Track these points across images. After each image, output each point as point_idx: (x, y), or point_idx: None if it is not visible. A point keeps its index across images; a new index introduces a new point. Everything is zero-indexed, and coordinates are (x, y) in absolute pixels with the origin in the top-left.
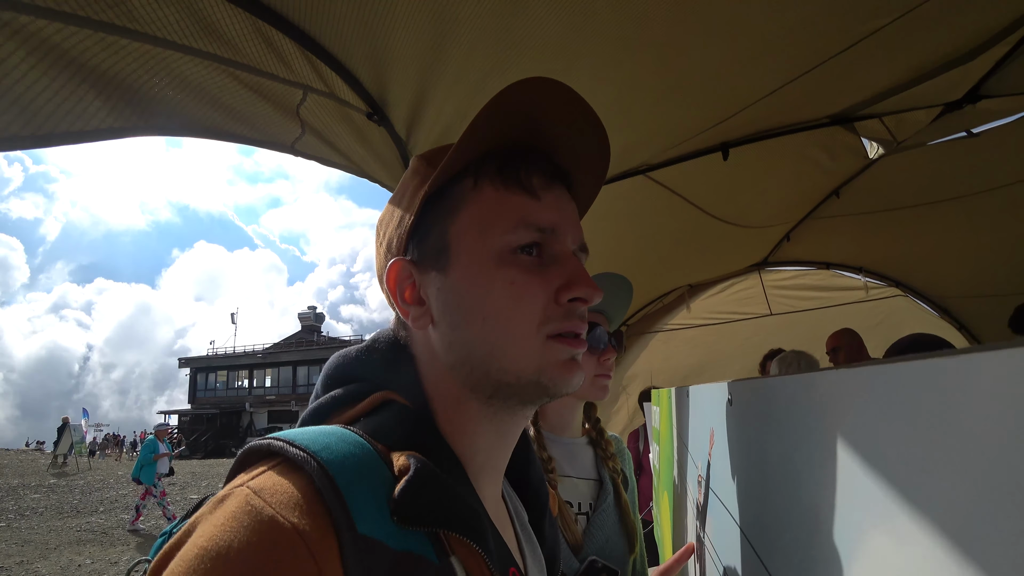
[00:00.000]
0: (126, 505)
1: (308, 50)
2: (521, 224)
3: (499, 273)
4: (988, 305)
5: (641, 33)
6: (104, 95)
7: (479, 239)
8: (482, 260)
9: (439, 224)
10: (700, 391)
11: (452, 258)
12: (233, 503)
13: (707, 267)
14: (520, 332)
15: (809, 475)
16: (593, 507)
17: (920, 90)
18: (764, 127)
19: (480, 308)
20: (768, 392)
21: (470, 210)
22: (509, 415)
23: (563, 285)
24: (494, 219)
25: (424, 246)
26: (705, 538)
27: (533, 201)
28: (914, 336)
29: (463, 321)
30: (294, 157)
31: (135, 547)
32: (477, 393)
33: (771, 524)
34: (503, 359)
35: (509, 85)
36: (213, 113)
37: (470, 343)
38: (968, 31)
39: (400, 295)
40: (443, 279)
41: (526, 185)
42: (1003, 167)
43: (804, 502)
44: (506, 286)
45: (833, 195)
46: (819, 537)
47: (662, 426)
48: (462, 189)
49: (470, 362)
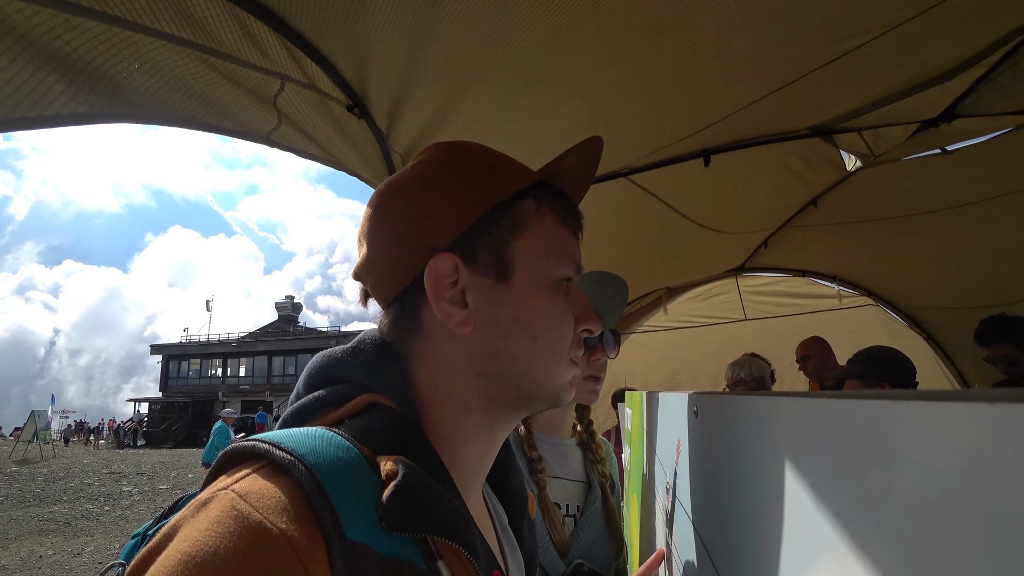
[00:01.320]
0: (91, 494)
1: (287, 39)
2: (572, 261)
3: (555, 299)
4: (955, 317)
5: (625, 40)
6: (67, 80)
7: (542, 264)
8: (542, 284)
9: (504, 235)
10: (669, 399)
11: (515, 273)
12: (218, 507)
13: (685, 271)
14: (559, 352)
15: (762, 498)
16: (581, 510)
17: (898, 107)
18: (746, 136)
19: (533, 326)
20: (730, 409)
21: (535, 233)
22: (507, 424)
23: (579, 317)
24: (555, 249)
25: (481, 251)
26: (672, 545)
27: (575, 240)
28: (879, 348)
29: (514, 335)
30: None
31: (99, 537)
32: (493, 402)
33: (729, 542)
34: (541, 373)
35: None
36: (185, 101)
37: (514, 356)
38: (946, 52)
39: (443, 293)
40: (502, 290)
41: (573, 223)
42: (974, 185)
43: (758, 524)
44: (558, 311)
45: (811, 205)
46: (769, 559)
47: (634, 429)
48: (526, 209)
49: (508, 373)
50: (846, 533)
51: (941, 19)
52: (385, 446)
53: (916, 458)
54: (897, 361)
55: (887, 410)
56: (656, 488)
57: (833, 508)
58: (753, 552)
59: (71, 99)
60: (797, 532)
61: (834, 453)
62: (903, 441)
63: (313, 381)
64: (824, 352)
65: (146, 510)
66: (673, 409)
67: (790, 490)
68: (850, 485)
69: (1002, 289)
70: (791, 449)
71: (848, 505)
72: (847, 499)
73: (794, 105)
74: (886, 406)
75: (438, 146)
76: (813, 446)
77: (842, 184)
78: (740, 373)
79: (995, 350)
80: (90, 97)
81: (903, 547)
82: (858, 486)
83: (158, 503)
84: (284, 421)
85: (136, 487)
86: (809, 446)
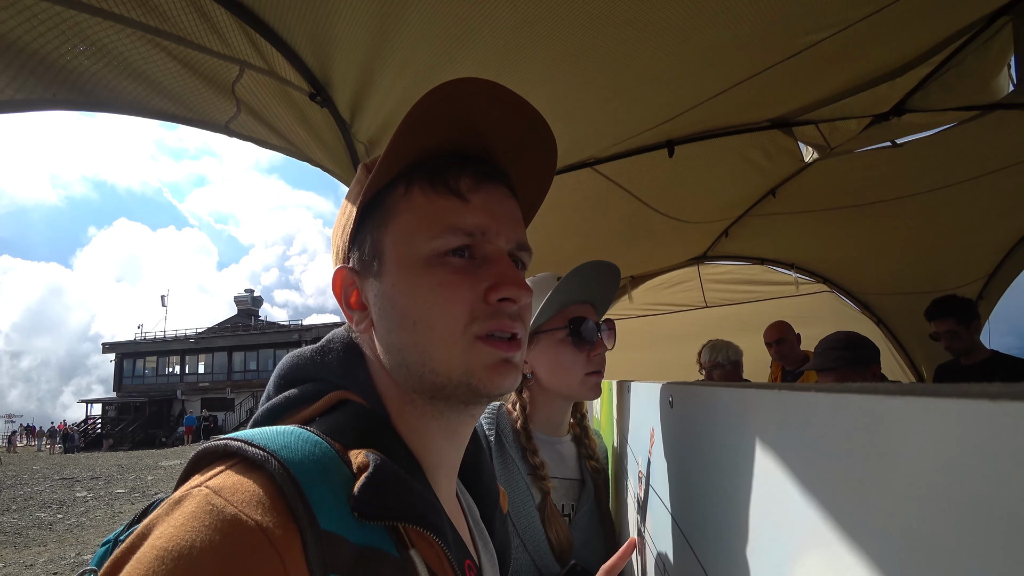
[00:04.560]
0: (42, 502)
1: (247, 23)
2: (448, 229)
3: (426, 277)
4: (904, 302)
5: (593, 32)
6: (3, 62)
7: (408, 245)
8: (411, 265)
9: (374, 232)
10: (641, 389)
11: (385, 265)
12: (192, 503)
13: (650, 259)
14: (446, 334)
15: (741, 488)
16: (575, 508)
17: (852, 101)
18: (708, 127)
19: (409, 312)
20: (708, 400)
21: (401, 217)
22: (455, 414)
23: (491, 285)
24: (422, 225)
25: (362, 254)
26: (646, 532)
27: (462, 204)
28: (846, 333)
29: (396, 326)
30: (227, 137)
31: (52, 547)
32: (419, 394)
33: (709, 532)
34: (432, 361)
35: (430, 90)
36: (136, 88)
37: (403, 347)
38: (897, 50)
39: (346, 301)
40: (379, 285)
41: (454, 188)
42: (921, 176)
43: (738, 513)
44: (433, 288)
45: (770, 194)
46: (750, 547)
47: (603, 416)
48: (394, 197)
49: (405, 365)
50: (829, 524)
51: (894, 18)
52: (355, 440)
53: (908, 454)
54: (868, 347)
55: (878, 405)
56: (628, 476)
57: (817, 499)
58: (733, 541)
59: (7, 84)
60: (778, 522)
61: (820, 446)
62: (896, 437)
63: (283, 381)
64: (796, 337)
65: (103, 516)
66: (646, 399)
67: (771, 481)
68: (834, 478)
69: (945, 275)
70: (771, 441)
71: (833, 497)
72: (831, 491)
73: (755, 98)
74: (878, 401)
75: (359, 167)
76: (794, 439)
77: (800, 175)
78: (717, 357)
79: (941, 324)
80: (29, 82)
81: (890, 541)
82: (843, 479)
83: (116, 508)
84: (256, 421)
85: (91, 492)
86: (791, 438)
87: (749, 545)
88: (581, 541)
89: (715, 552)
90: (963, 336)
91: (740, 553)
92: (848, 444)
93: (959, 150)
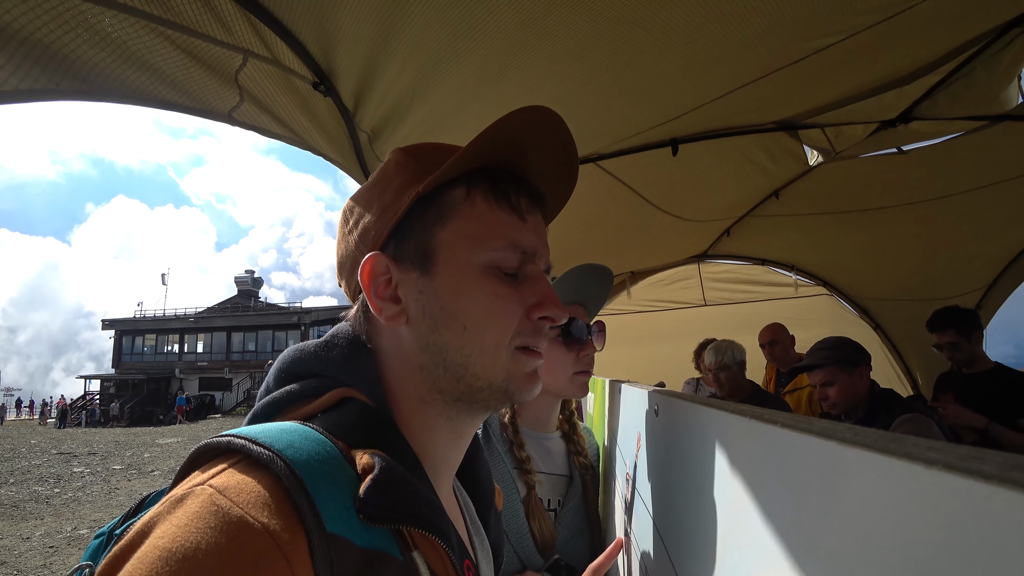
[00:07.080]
0: (39, 476)
1: (250, 12)
2: (510, 244)
3: (483, 285)
4: (902, 308)
5: (599, 31)
6: (7, 53)
7: (468, 250)
8: (468, 271)
9: (427, 227)
10: (631, 392)
11: (439, 263)
12: (196, 502)
13: (650, 256)
14: (494, 342)
15: (712, 504)
16: (562, 504)
17: (859, 107)
18: (713, 127)
19: (461, 316)
20: (689, 415)
21: (462, 220)
22: (468, 417)
23: (536, 304)
24: (485, 234)
25: (407, 245)
26: (632, 533)
27: (520, 223)
28: (838, 336)
29: (442, 326)
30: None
31: (49, 520)
32: (444, 395)
33: (683, 539)
34: (476, 366)
35: (517, 110)
36: (140, 77)
37: (447, 347)
38: (906, 58)
39: (375, 290)
40: (426, 282)
41: (516, 206)
42: (925, 184)
43: (708, 527)
44: (489, 297)
45: (773, 196)
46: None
47: (595, 413)
48: (454, 198)
49: (444, 365)
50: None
51: (904, 26)
52: (359, 440)
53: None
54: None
55: (836, 451)
56: (617, 476)
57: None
58: (703, 552)
59: (12, 74)
60: (741, 543)
61: (783, 478)
62: (846, 484)
63: (284, 375)
64: (790, 339)
65: (99, 492)
66: (635, 403)
67: (738, 503)
68: (793, 509)
69: (944, 284)
70: (740, 464)
71: (792, 526)
72: (790, 521)
73: (761, 100)
74: (835, 447)
75: (395, 151)
76: (761, 467)
77: (803, 178)
78: (724, 359)
79: (943, 336)
80: (33, 72)
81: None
82: (801, 511)
83: (112, 484)
84: (254, 416)
85: (88, 468)
86: (759, 463)
87: (717, 559)
88: (566, 536)
89: (688, 561)
90: (964, 347)
91: (709, 565)
92: (807, 480)
93: (964, 159)
